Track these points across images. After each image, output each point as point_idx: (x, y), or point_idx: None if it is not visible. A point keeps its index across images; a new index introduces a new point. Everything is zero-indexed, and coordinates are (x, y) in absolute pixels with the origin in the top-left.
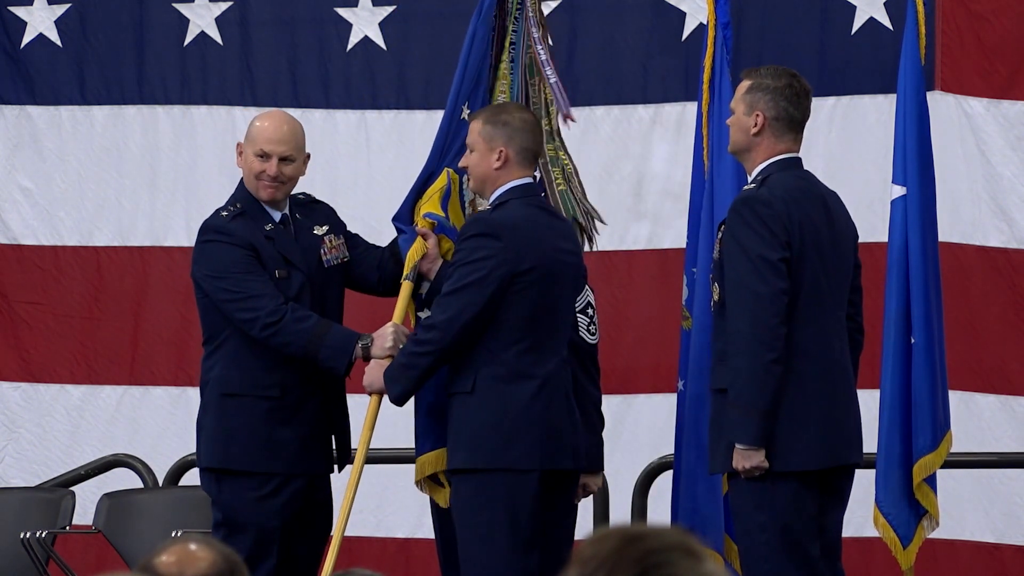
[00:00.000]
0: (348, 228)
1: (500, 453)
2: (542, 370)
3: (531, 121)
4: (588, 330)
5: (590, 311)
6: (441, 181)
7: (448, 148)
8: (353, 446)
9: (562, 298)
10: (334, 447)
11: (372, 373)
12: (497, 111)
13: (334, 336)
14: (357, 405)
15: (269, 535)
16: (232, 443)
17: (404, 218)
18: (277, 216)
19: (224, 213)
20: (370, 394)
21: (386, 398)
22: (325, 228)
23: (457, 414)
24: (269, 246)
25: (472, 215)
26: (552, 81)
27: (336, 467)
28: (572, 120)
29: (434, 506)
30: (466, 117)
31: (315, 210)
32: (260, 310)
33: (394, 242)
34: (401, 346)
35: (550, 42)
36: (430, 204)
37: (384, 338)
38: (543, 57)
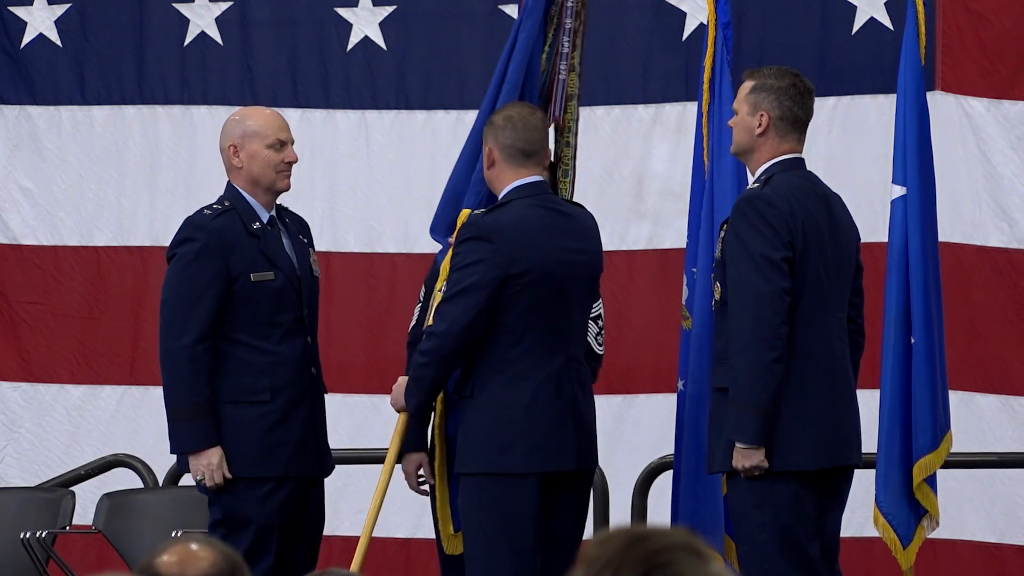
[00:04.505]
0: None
1: (496, 458)
2: (541, 371)
3: (518, 117)
4: (596, 340)
5: (600, 322)
6: None
7: None
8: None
9: (567, 298)
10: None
11: (396, 391)
12: (496, 112)
13: (200, 423)
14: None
15: (269, 532)
16: (226, 450)
17: (440, 230)
18: (265, 217)
19: (207, 211)
20: (399, 412)
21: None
22: (306, 240)
23: (463, 418)
24: (252, 244)
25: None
26: (561, 77)
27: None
28: (553, 124)
29: (434, 506)
30: None
31: (297, 220)
32: (185, 337)
33: None
34: None
35: (578, 38)
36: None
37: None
38: (565, 49)
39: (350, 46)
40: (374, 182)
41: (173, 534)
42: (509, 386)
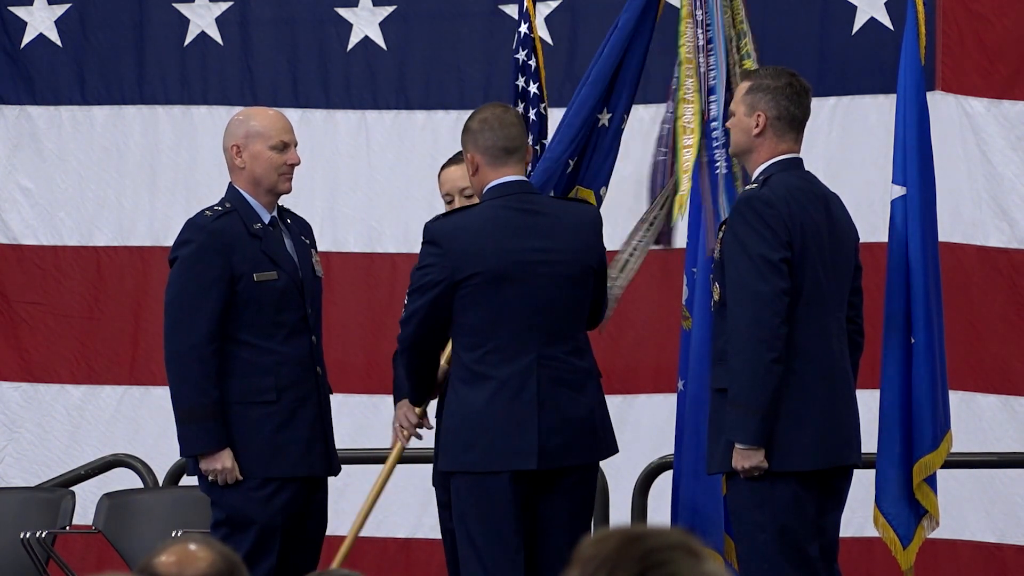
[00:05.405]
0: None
1: (461, 456)
2: (503, 372)
3: (492, 117)
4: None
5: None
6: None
7: (586, 161)
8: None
9: (540, 296)
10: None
11: None
12: (470, 117)
13: (209, 424)
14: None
15: (271, 534)
16: (234, 451)
17: None
18: (267, 218)
19: (208, 213)
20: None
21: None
22: (309, 242)
23: (440, 417)
24: (254, 244)
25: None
26: (701, 71)
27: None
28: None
29: (440, 505)
30: (606, 123)
31: (299, 221)
32: (192, 338)
33: None
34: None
35: (742, 28)
36: None
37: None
38: (700, 42)
39: (350, 46)
40: (374, 182)
41: (173, 534)
42: (471, 386)
